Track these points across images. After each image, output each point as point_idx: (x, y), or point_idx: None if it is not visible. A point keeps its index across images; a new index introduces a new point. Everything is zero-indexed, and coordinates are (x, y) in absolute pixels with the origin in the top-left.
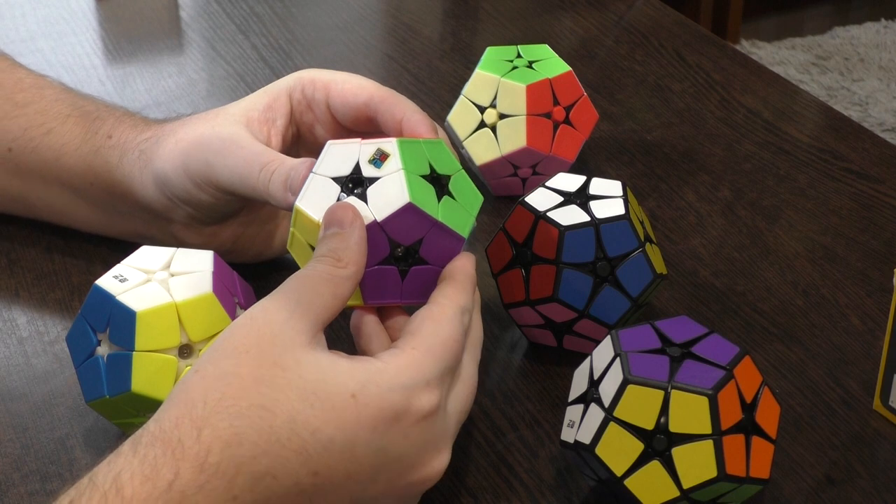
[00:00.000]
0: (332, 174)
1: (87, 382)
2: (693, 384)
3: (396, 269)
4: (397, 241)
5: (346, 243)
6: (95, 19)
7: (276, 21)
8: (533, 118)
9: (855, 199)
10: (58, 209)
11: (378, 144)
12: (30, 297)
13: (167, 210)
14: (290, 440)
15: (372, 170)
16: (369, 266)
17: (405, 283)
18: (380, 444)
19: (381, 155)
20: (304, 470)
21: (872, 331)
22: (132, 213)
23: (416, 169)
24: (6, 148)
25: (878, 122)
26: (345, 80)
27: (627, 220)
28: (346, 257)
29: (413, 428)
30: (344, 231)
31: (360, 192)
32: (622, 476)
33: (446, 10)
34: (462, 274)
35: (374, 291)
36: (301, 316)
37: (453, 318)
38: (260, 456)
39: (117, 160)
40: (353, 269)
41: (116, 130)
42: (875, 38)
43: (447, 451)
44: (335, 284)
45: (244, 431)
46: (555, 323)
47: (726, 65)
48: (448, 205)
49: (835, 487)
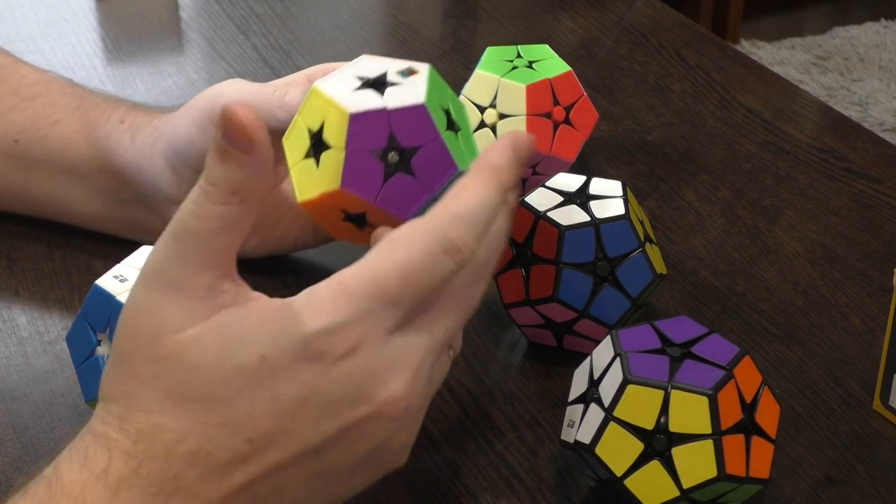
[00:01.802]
0: (359, 74)
1: (87, 382)
2: (693, 384)
3: (383, 166)
4: (396, 138)
5: (244, 171)
6: (95, 19)
7: (276, 21)
8: (533, 118)
9: (855, 199)
10: (62, 202)
11: (411, 64)
12: (30, 297)
13: (173, 186)
14: (209, 416)
15: (398, 78)
16: (359, 147)
17: (385, 185)
18: (304, 393)
19: (410, 71)
20: (237, 440)
21: (872, 331)
22: (135, 201)
23: (438, 96)
24: (13, 140)
25: (878, 122)
26: None
27: (627, 220)
28: (242, 189)
29: (336, 368)
30: (245, 157)
31: (380, 90)
32: (622, 476)
33: (446, 10)
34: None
35: (353, 178)
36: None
37: (413, 246)
38: (186, 438)
39: (129, 140)
40: (250, 203)
41: (129, 116)
42: (875, 38)
43: (397, 380)
44: (234, 231)
45: (162, 421)
46: (555, 323)
47: (726, 65)
48: (452, 138)
49: (835, 487)
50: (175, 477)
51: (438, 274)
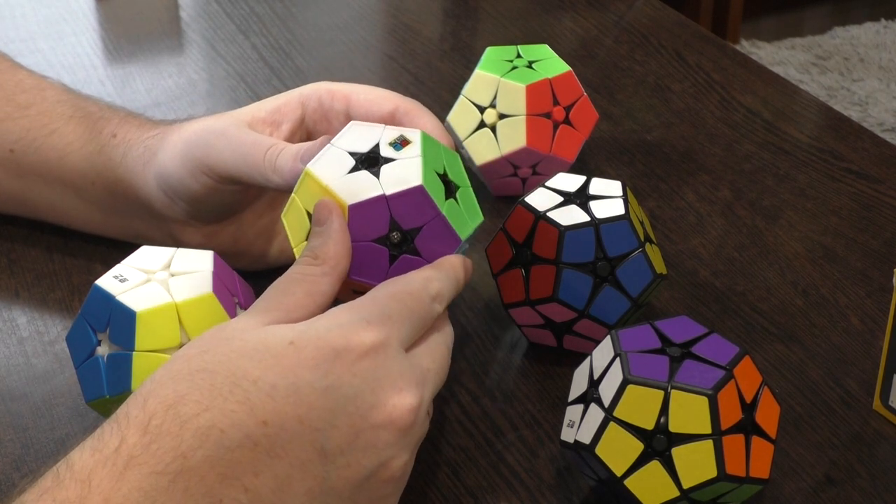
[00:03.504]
0: (350, 149)
1: (87, 382)
2: (693, 384)
3: (388, 252)
4: (398, 223)
5: (322, 239)
6: (95, 19)
7: (276, 21)
8: (533, 118)
9: (855, 199)
10: (58, 209)
11: (402, 131)
12: (30, 297)
13: (165, 207)
14: (232, 393)
15: (391, 151)
16: (363, 240)
17: (392, 268)
18: (325, 383)
19: (402, 140)
20: (252, 420)
21: (872, 331)
22: (132, 213)
23: (433, 164)
24: (8, 149)
25: (878, 122)
26: (367, 91)
27: (627, 220)
28: (322, 254)
29: (358, 364)
30: (322, 227)
31: (374, 170)
32: (622, 476)
33: (446, 10)
34: (444, 261)
35: (358, 267)
36: (260, 313)
37: (411, 277)
38: (203, 412)
39: (121, 157)
40: (330, 264)
41: (121, 129)
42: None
43: (409, 391)
44: (309, 283)
45: (186, 393)
46: (555, 323)
47: (726, 65)
48: (453, 207)
49: (835, 487)
50: (184, 455)
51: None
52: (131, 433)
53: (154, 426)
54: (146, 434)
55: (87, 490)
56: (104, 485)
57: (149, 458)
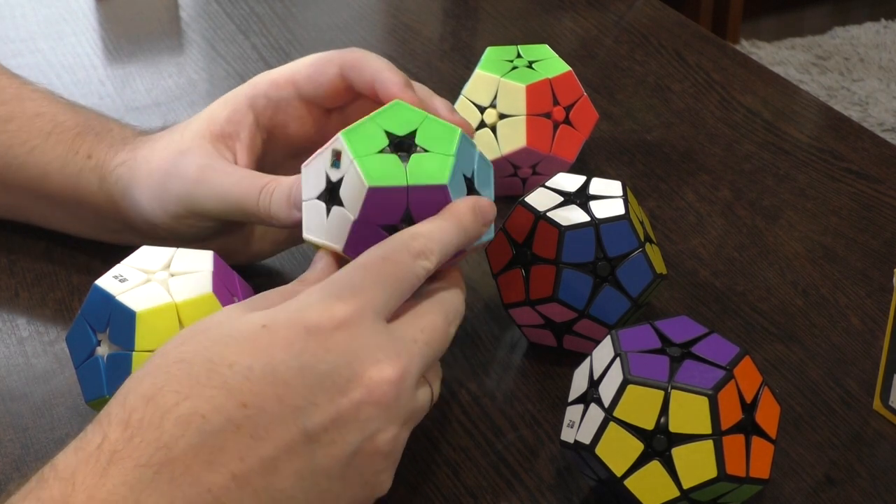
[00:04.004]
0: (315, 194)
1: (87, 382)
2: (693, 384)
3: None
4: (412, 215)
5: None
6: (95, 19)
7: (276, 21)
8: (533, 118)
9: (855, 199)
10: (51, 220)
11: (331, 147)
12: (30, 297)
13: (152, 231)
14: (209, 379)
15: (336, 172)
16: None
17: None
18: (301, 362)
19: (336, 155)
20: (232, 403)
21: (872, 331)
22: (121, 231)
23: (370, 149)
24: None
25: (878, 122)
26: (306, 65)
27: (627, 220)
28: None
29: (331, 339)
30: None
31: (338, 200)
32: (622, 476)
33: (446, 10)
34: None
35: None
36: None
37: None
38: (182, 401)
39: (98, 184)
40: None
41: (96, 150)
42: (875, 38)
43: (388, 363)
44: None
45: (164, 384)
46: (555, 323)
47: (726, 65)
48: (418, 162)
49: (835, 487)
50: (167, 445)
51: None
52: (113, 430)
53: (135, 420)
54: (128, 429)
55: (70, 488)
56: (88, 481)
57: (132, 452)
